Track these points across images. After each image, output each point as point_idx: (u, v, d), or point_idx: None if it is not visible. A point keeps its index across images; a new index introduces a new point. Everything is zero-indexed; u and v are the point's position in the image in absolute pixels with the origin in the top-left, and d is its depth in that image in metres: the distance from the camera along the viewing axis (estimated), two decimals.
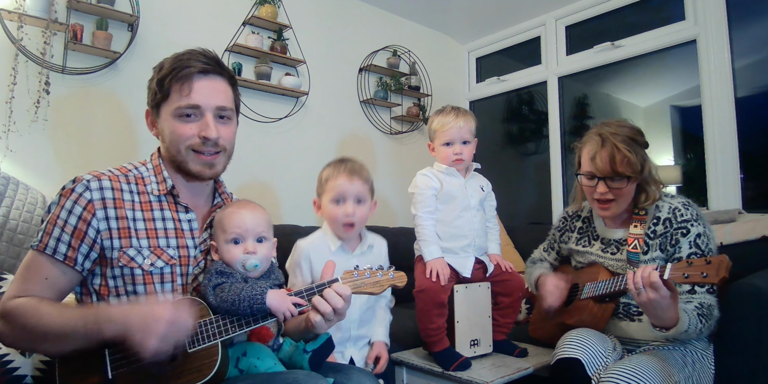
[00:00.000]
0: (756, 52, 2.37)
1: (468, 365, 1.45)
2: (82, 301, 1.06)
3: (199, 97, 1.06)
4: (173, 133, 1.07)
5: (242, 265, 1.06)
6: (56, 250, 0.98)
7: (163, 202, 1.10)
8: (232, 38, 2.44)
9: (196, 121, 1.08)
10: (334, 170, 1.47)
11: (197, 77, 1.07)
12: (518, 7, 3.12)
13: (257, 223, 1.10)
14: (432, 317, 1.50)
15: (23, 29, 1.81)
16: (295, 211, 2.54)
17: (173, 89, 1.06)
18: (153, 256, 1.04)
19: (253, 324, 0.99)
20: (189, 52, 1.10)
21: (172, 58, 1.09)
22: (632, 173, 1.36)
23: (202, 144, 1.08)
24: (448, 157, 1.63)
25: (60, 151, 1.96)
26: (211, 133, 1.07)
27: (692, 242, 1.35)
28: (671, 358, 1.27)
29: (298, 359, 1.07)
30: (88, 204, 1.01)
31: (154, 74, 1.10)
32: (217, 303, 0.98)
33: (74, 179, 1.04)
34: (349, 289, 1.04)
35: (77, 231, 0.99)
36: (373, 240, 1.54)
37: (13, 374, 1.12)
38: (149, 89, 1.12)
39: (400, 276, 1.10)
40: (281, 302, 0.99)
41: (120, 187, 1.06)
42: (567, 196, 3.05)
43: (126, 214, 1.04)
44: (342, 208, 1.43)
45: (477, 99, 3.65)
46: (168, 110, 1.08)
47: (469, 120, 1.65)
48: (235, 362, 1.01)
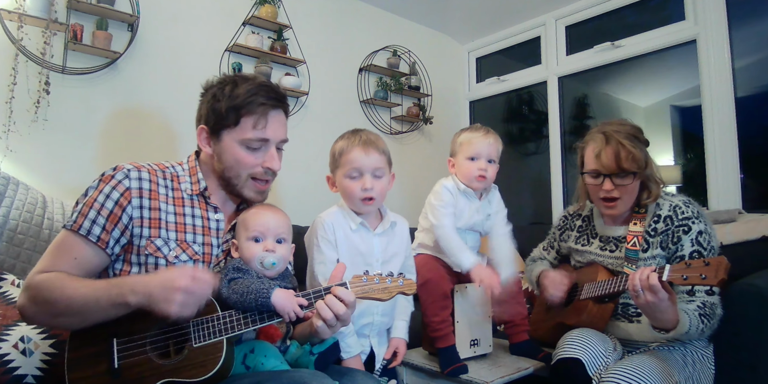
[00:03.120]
0: (756, 52, 2.37)
1: (464, 371, 1.42)
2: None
3: (270, 133, 1.14)
4: (238, 161, 1.13)
5: (260, 262, 1.08)
6: (90, 231, 1.02)
7: (195, 200, 1.15)
8: (232, 38, 2.44)
9: (261, 151, 1.15)
10: (348, 143, 1.38)
11: (272, 113, 1.14)
12: (518, 7, 3.12)
13: (279, 225, 1.13)
14: (436, 309, 1.47)
15: (23, 29, 1.81)
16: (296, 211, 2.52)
17: (245, 120, 1.12)
18: (179, 248, 1.09)
19: (260, 322, 1.00)
20: (263, 83, 1.15)
21: (246, 86, 1.13)
22: (637, 169, 1.37)
23: (264, 173, 1.16)
24: (470, 171, 1.56)
25: (60, 151, 1.96)
26: (276, 167, 1.17)
27: (694, 240, 1.35)
28: (671, 358, 1.27)
29: (304, 361, 1.08)
30: (126, 191, 1.06)
31: (222, 98, 1.12)
32: (228, 294, 1.01)
33: (115, 167, 1.09)
34: (353, 295, 1.04)
35: (112, 215, 1.04)
36: (395, 218, 1.47)
37: (13, 374, 1.12)
38: (213, 110, 1.14)
39: (410, 284, 1.09)
40: (286, 301, 1.00)
41: (157, 180, 1.11)
42: (567, 196, 3.05)
43: (159, 205, 1.09)
44: (359, 183, 1.34)
45: (477, 99, 3.65)
46: (235, 137, 1.13)
47: (498, 140, 1.62)
48: (243, 359, 1.03)
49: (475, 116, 3.67)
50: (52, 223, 1.59)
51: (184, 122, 2.09)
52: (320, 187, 1.53)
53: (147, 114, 2.20)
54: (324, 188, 1.49)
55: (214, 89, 1.15)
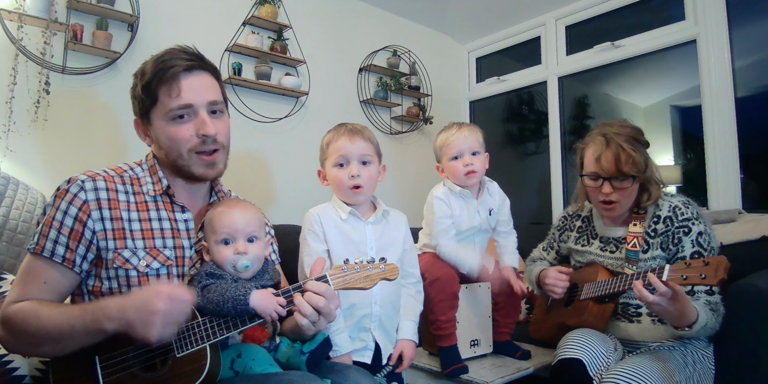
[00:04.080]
0: (756, 52, 2.37)
1: (464, 372, 1.42)
2: (74, 302, 1.05)
3: (189, 96, 1.04)
4: (171, 138, 1.05)
5: (233, 266, 1.04)
6: (54, 252, 0.97)
7: (159, 202, 1.09)
8: (232, 38, 2.43)
9: (191, 120, 1.06)
10: (335, 133, 1.40)
11: (183, 76, 1.05)
12: (518, 7, 3.12)
13: (248, 223, 1.07)
14: (444, 308, 1.46)
15: (23, 29, 1.81)
16: (295, 211, 2.52)
17: (161, 92, 1.04)
18: (149, 257, 1.03)
19: (241, 326, 0.96)
20: (168, 52, 1.08)
21: (153, 61, 1.07)
22: (637, 173, 1.37)
23: (202, 143, 1.06)
24: (458, 171, 1.54)
25: (60, 151, 1.96)
26: (210, 130, 1.05)
27: (694, 241, 1.35)
28: (672, 358, 1.27)
29: (295, 361, 1.06)
30: (84, 205, 1.00)
31: (137, 81, 1.08)
32: (204, 304, 0.96)
33: (69, 180, 1.03)
34: (324, 286, 0.98)
35: (74, 232, 0.99)
36: (390, 209, 1.45)
37: (12, 374, 1.12)
38: (134, 98, 1.10)
39: (392, 268, 1.04)
40: (266, 303, 0.96)
41: (115, 187, 1.05)
42: (567, 196, 3.05)
43: (121, 215, 1.03)
44: (346, 171, 1.34)
45: (477, 99, 3.65)
46: (159, 115, 1.05)
47: (474, 130, 1.59)
48: (230, 364, 0.99)
49: (475, 116, 3.66)
50: None
51: None
52: (320, 187, 1.53)
53: None
54: (324, 188, 1.49)
55: (134, 79, 1.10)
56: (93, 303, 0.97)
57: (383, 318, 1.38)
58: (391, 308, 1.41)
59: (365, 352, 1.36)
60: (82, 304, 1.00)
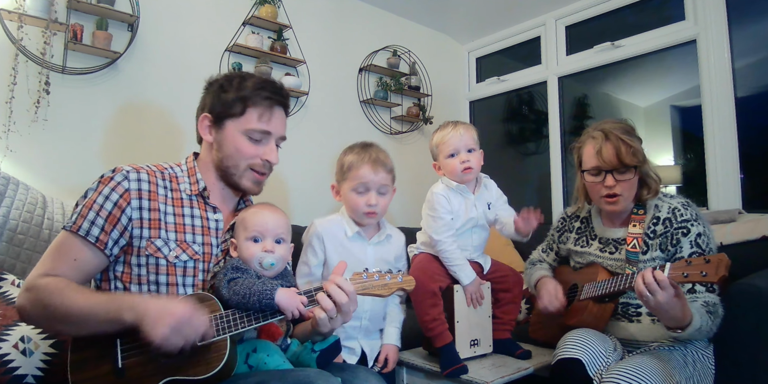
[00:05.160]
0: (756, 52, 2.37)
1: (464, 372, 1.42)
2: (100, 288, 1.09)
3: (274, 126, 1.19)
4: (238, 149, 1.17)
5: (259, 262, 1.09)
6: (89, 232, 1.03)
7: (194, 200, 1.17)
8: (232, 38, 2.43)
9: (262, 144, 1.19)
10: (358, 158, 1.45)
11: (276, 108, 1.20)
12: (518, 7, 3.12)
13: (278, 225, 1.14)
14: (426, 308, 1.47)
15: (23, 29, 1.81)
16: (295, 211, 2.53)
17: (251, 111, 1.16)
18: (179, 249, 1.09)
19: (263, 320, 1.01)
20: (270, 82, 1.21)
21: (254, 81, 1.18)
22: (638, 163, 1.39)
23: (262, 165, 1.20)
24: (455, 168, 1.56)
25: (60, 151, 1.96)
26: (275, 160, 1.21)
27: (693, 242, 1.35)
28: (672, 358, 1.27)
29: (305, 359, 1.08)
30: (125, 193, 1.07)
31: (230, 89, 1.17)
32: (229, 296, 1.01)
33: (114, 169, 1.10)
34: (352, 285, 1.06)
35: (111, 216, 1.05)
36: (391, 231, 1.53)
37: (13, 374, 1.12)
38: (219, 99, 1.17)
39: (409, 280, 1.10)
40: (290, 300, 1.01)
41: (156, 181, 1.12)
42: (567, 196, 3.05)
43: (159, 206, 1.10)
44: (364, 199, 1.42)
45: (477, 99, 3.65)
46: (238, 126, 1.16)
47: (469, 128, 1.61)
48: (245, 358, 1.03)
49: (475, 116, 3.67)
50: (52, 223, 1.59)
51: (184, 122, 2.10)
52: (320, 187, 1.54)
53: (147, 114, 2.20)
54: (324, 188, 1.50)
55: (221, 81, 1.20)
56: (120, 294, 1.04)
57: (370, 328, 1.49)
58: (378, 322, 1.52)
59: (351, 357, 1.47)
60: (108, 293, 1.05)
